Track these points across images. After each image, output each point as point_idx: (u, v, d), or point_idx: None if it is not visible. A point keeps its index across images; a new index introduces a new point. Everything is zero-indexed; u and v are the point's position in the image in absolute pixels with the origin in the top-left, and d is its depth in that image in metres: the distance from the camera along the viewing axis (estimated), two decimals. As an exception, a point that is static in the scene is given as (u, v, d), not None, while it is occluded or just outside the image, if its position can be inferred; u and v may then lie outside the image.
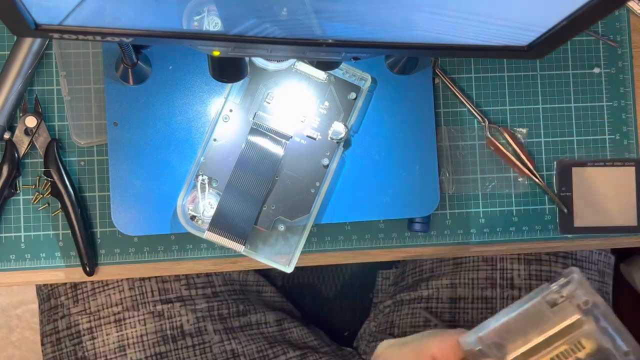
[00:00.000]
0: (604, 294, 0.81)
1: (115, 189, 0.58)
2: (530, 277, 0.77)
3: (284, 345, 0.76)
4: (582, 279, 0.49)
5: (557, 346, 0.49)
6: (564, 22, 0.39)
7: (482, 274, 0.78)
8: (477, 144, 0.65)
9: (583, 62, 0.66)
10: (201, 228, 0.58)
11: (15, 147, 0.60)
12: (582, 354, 0.49)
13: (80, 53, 0.61)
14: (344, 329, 0.96)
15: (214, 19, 0.42)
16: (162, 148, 0.59)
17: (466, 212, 0.64)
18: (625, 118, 0.66)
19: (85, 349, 0.70)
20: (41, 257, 0.61)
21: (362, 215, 0.61)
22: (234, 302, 0.76)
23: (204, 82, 0.60)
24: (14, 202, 0.61)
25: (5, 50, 0.61)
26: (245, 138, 0.58)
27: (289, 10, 0.38)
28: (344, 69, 0.59)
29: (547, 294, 0.49)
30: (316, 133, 0.59)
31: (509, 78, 0.65)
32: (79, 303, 0.70)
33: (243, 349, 0.74)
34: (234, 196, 0.57)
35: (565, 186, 0.65)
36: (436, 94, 0.64)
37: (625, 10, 0.66)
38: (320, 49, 0.43)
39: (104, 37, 0.40)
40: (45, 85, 0.62)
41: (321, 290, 1.01)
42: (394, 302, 0.84)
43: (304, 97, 0.59)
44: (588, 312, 0.49)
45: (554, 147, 0.65)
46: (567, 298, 0.49)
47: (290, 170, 0.59)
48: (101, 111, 0.61)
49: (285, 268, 0.58)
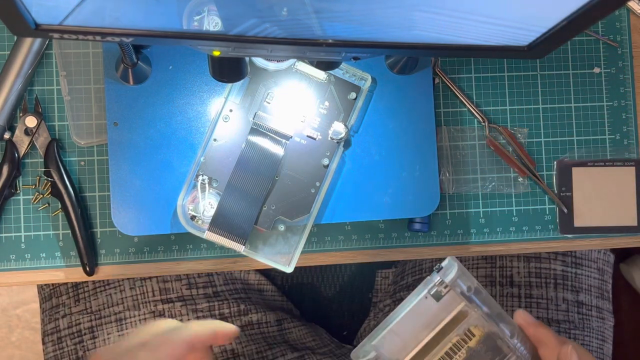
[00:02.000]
0: (603, 292, 0.81)
1: (115, 189, 0.58)
2: (530, 275, 0.77)
3: (282, 347, 0.76)
4: (461, 267, 0.50)
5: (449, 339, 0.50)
6: (564, 22, 0.39)
7: (481, 272, 0.78)
8: (477, 144, 0.65)
9: (583, 62, 0.66)
10: (201, 228, 0.58)
11: (15, 147, 0.60)
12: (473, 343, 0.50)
13: (80, 53, 0.61)
14: (343, 329, 0.96)
15: (214, 19, 0.42)
16: (162, 148, 0.59)
17: (466, 212, 0.64)
18: (625, 118, 0.66)
19: (86, 348, 0.70)
20: (41, 257, 0.61)
21: (362, 215, 0.61)
22: (234, 302, 0.76)
23: (204, 82, 0.60)
24: (14, 202, 0.61)
25: (5, 50, 0.61)
26: (245, 138, 0.58)
27: (289, 10, 0.38)
28: (344, 69, 0.59)
29: (430, 288, 0.49)
30: (316, 133, 0.59)
31: (509, 78, 0.65)
32: (80, 302, 0.70)
33: (243, 349, 0.74)
34: (234, 196, 0.57)
35: (565, 186, 0.65)
36: (436, 94, 0.64)
37: (625, 10, 0.66)
38: (320, 49, 0.43)
39: (104, 37, 0.40)
40: (45, 85, 0.62)
41: (321, 290, 1.01)
42: (394, 301, 0.84)
43: (304, 97, 0.59)
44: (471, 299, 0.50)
45: (554, 147, 0.65)
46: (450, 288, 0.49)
47: (290, 170, 0.59)
48: (101, 111, 0.61)
49: (286, 268, 0.58)
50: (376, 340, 0.49)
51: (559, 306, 0.77)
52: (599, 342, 0.79)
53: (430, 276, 0.50)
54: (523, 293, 0.77)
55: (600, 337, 0.80)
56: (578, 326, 0.77)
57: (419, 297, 0.50)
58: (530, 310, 0.77)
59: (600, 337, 0.80)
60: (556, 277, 0.78)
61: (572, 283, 0.78)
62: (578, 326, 0.77)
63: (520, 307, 0.77)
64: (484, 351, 0.50)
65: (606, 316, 0.81)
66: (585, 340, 0.78)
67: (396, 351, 0.49)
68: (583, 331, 0.78)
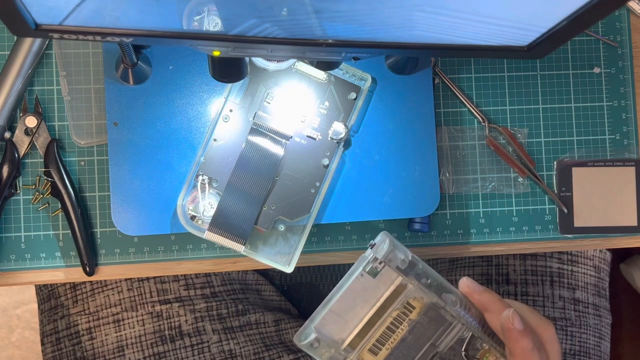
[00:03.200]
0: (600, 290, 0.81)
1: (115, 189, 0.58)
2: (526, 273, 0.77)
3: (279, 348, 0.76)
4: (394, 240, 0.50)
5: (390, 313, 0.50)
6: (564, 22, 0.39)
7: (477, 270, 0.78)
8: (477, 144, 0.65)
9: (583, 62, 0.66)
10: (201, 228, 0.58)
11: (15, 147, 0.60)
12: (414, 315, 0.50)
13: (80, 53, 0.61)
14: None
15: (214, 19, 0.42)
16: (162, 148, 0.59)
17: (466, 212, 0.64)
18: (625, 118, 0.66)
19: (85, 349, 0.70)
20: (41, 257, 0.61)
21: (362, 215, 0.61)
22: (232, 302, 0.76)
23: (204, 82, 0.60)
24: (14, 202, 0.61)
25: (5, 50, 0.61)
26: (245, 138, 0.58)
27: (289, 10, 0.38)
28: (344, 69, 0.59)
29: (365, 265, 0.49)
30: (316, 133, 0.59)
31: (509, 78, 0.65)
32: (79, 303, 0.70)
33: (241, 349, 0.74)
34: (234, 196, 0.57)
35: (565, 186, 0.65)
36: (436, 94, 0.64)
37: (625, 10, 0.66)
38: (320, 49, 0.43)
39: (104, 37, 0.40)
40: (45, 85, 0.62)
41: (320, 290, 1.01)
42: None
43: (304, 97, 0.59)
44: (408, 272, 0.50)
45: (554, 147, 0.65)
46: (385, 263, 0.49)
47: (290, 170, 0.59)
48: (101, 111, 0.61)
49: (285, 268, 0.58)
50: (316, 321, 0.49)
51: (555, 304, 0.77)
52: (596, 340, 0.79)
53: (364, 253, 0.50)
54: (519, 291, 0.77)
55: (598, 334, 0.80)
56: (575, 323, 0.77)
57: (355, 275, 0.49)
58: None
59: (597, 335, 0.80)
60: (552, 275, 0.78)
61: (568, 280, 0.78)
62: (575, 323, 0.77)
63: None
64: (427, 322, 0.50)
65: (603, 314, 0.81)
66: (582, 338, 0.78)
67: (338, 331, 0.49)
68: (580, 328, 0.78)
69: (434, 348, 0.51)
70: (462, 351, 0.51)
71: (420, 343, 0.50)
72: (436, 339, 0.51)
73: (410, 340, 0.50)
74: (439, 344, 0.51)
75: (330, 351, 0.50)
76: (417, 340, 0.50)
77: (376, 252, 0.49)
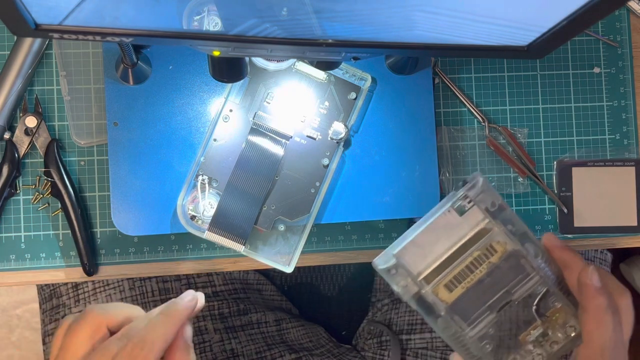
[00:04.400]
0: None
1: (115, 189, 0.58)
2: None
3: (281, 347, 0.76)
4: (486, 183, 0.50)
5: (471, 253, 0.50)
6: (564, 22, 0.39)
7: None
8: (477, 144, 0.65)
9: (583, 62, 0.66)
10: (201, 228, 0.58)
11: (15, 147, 0.60)
12: (495, 258, 0.50)
13: (80, 53, 0.61)
14: (343, 328, 0.96)
15: (214, 19, 0.42)
16: (162, 148, 0.59)
17: (466, 212, 0.64)
18: (625, 118, 0.66)
19: None
20: (41, 257, 0.61)
21: (362, 215, 0.61)
22: (234, 302, 0.76)
23: (204, 82, 0.60)
24: (14, 202, 0.61)
25: (5, 50, 0.61)
26: (245, 138, 0.58)
27: (289, 10, 0.38)
28: (344, 69, 0.59)
29: (454, 202, 0.49)
30: (316, 133, 0.59)
31: (509, 78, 0.65)
32: (80, 303, 0.70)
33: (242, 349, 0.74)
34: (234, 196, 0.57)
35: (565, 186, 0.65)
36: (436, 94, 0.64)
37: (625, 10, 0.66)
38: (320, 49, 0.43)
39: (104, 37, 0.40)
40: (45, 85, 0.62)
41: (320, 290, 1.01)
42: (392, 300, 0.84)
43: (304, 97, 0.59)
44: (495, 215, 0.50)
45: (554, 147, 0.65)
46: (474, 203, 0.49)
47: (290, 170, 0.59)
48: (101, 111, 0.61)
49: (285, 268, 0.58)
50: (397, 250, 0.49)
51: None
52: None
53: (454, 191, 0.50)
54: None
55: None
56: None
57: (442, 211, 0.49)
58: None
59: None
60: None
61: None
62: None
63: None
64: (506, 268, 0.50)
65: None
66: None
67: (417, 262, 0.49)
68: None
69: (508, 296, 0.50)
70: (533, 305, 0.51)
71: (495, 288, 0.50)
72: (511, 287, 0.50)
73: (486, 283, 0.50)
74: (514, 293, 0.50)
75: (406, 280, 0.49)
76: (493, 284, 0.50)
77: (467, 190, 0.49)
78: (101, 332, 0.46)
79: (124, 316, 0.48)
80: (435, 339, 0.77)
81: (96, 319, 0.46)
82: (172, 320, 0.47)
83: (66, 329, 0.47)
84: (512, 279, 0.50)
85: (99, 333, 0.46)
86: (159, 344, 0.45)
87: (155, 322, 0.46)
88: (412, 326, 0.79)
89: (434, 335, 0.77)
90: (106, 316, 0.47)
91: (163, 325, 0.46)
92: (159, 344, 0.45)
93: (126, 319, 0.48)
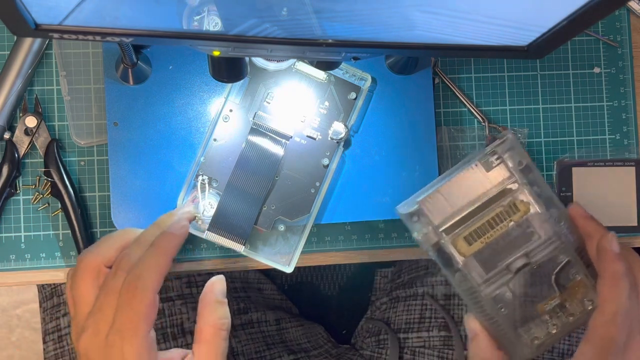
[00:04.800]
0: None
1: (115, 189, 0.58)
2: None
3: (279, 348, 0.76)
4: (515, 140, 0.49)
5: (493, 209, 0.49)
6: (564, 22, 0.39)
7: None
8: (477, 144, 0.65)
9: (583, 62, 0.66)
10: (201, 228, 0.58)
11: (15, 147, 0.60)
12: (516, 217, 0.50)
13: (80, 53, 0.61)
14: (343, 328, 0.96)
15: (214, 19, 0.42)
16: (162, 148, 0.59)
17: (466, 212, 0.64)
18: (625, 118, 0.66)
19: None
20: (41, 257, 0.61)
21: (362, 215, 0.61)
22: (234, 300, 0.76)
23: (204, 82, 0.60)
24: (14, 202, 0.61)
25: (5, 50, 0.61)
26: (245, 138, 0.58)
27: (289, 10, 0.38)
28: (344, 69, 0.59)
29: (482, 156, 0.49)
30: (316, 133, 0.59)
31: (509, 78, 0.65)
32: None
33: (242, 348, 0.74)
34: (234, 196, 0.57)
35: (565, 186, 0.65)
36: (436, 94, 0.64)
37: (625, 10, 0.66)
38: (320, 49, 0.43)
39: (104, 37, 0.40)
40: (45, 85, 0.62)
41: (321, 289, 1.01)
42: (390, 299, 0.84)
43: (304, 97, 0.59)
44: (522, 174, 0.49)
45: (554, 147, 0.65)
46: (501, 160, 0.49)
47: (290, 170, 0.59)
48: (101, 111, 0.61)
49: (285, 268, 0.58)
50: (422, 197, 0.49)
51: None
52: None
53: (484, 148, 0.49)
54: None
55: None
56: None
57: (469, 165, 0.49)
58: None
59: None
60: None
61: None
62: None
63: None
64: (527, 229, 0.49)
65: None
66: (580, 338, 0.78)
67: (439, 213, 0.49)
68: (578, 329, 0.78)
69: (526, 258, 0.50)
70: (552, 275, 0.50)
71: (515, 248, 0.50)
72: (531, 250, 0.50)
73: (506, 242, 0.49)
74: (533, 256, 0.50)
75: (427, 228, 0.49)
76: (512, 243, 0.50)
77: (496, 146, 0.49)
78: (102, 273, 0.49)
79: (116, 249, 0.50)
80: (432, 337, 0.77)
81: (91, 263, 0.49)
82: (163, 252, 0.48)
83: (71, 285, 0.48)
84: (532, 241, 0.49)
85: (100, 276, 0.49)
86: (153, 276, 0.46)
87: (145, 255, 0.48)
88: (410, 325, 0.79)
89: (431, 334, 0.77)
90: (100, 257, 0.49)
91: (154, 257, 0.48)
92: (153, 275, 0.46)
93: (120, 250, 0.49)
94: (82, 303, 0.48)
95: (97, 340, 0.46)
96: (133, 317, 0.45)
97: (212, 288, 0.51)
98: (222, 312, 0.50)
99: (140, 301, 0.45)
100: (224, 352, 0.49)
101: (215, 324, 0.49)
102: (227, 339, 0.50)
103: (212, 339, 0.49)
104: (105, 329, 0.45)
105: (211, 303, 0.50)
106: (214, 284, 0.51)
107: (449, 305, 0.78)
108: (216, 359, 0.49)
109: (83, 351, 0.47)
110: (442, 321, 0.77)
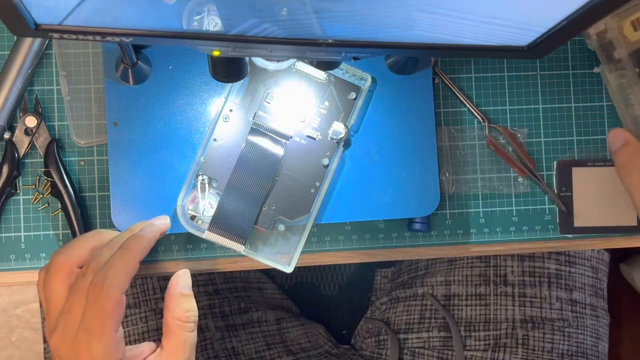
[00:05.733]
0: (597, 290, 0.81)
1: (115, 189, 0.58)
2: (524, 274, 0.77)
3: (279, 348, 0.77)
4: None
5: None
6: (564, 22, 0.39)
7: (475, 270, 0.78)
8: (477, 144, 0.65)
9: (583, 62, 0.66)
10: (201, 228, 0.58)
11: (15, 147, 0.60)
12: None
13: (80, 53, 0.61)
14: (343, 327, 0.96)
15: (214, 19, 0.42)
16: (162, 148, 0.59)
17: (466, 212, 0.64)
18: (625, 118, 0.66)
19: None
20: (41, 257, 0.61)
21: (362, 215, 0.61)
22: (235, 300, 0.76)
23: (204, 82, 0.60)
24: (14, 202, 0.61)
25: (5, 50, 0.61)
26: (245, 138, 0.58)
27: (289, 10, 0.38)
28: (344, 69, 0.59)
29: None
30: (316, 133, 0.59)
31: (509, 78, 0.65)
32: None
33: (243, 347, 0.74)
34: (234, 196, 0.57)
35: (565, 186, 0.65)
36: (436, 94, 0.64)
37: (625, 10, 0.66)
38: (320, 49, 0.43)
39: (104, 37, 0.40)
40: (45, 85, 0.62)
41: (321, 289, 1.01)
42: (390, 299, 0.84)
43: (304, 97, 0.59)
44: None
45: (554, 147, 0.65)
46: None
47: (290, 170, 0.59)
48: (101, 111, 0.61)
49: (285, 268, 0.58)
50: None
51: (552, 304, 0.77)
52: (593, 340, 0.80)
53: None
54: (517, 292, 0.77)
55: (595, 334, 0.80)
56: (572, 324, 0.77)
57: None
58: (524, 309, 0.77)
59: (594, 335, 0.80)
60: (550, 276, 0.78)
61: (565, 281, 0.78)
62: (572, 324, 0.77)
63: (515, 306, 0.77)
64: None
65: (601, 314, 0.81)
66: (580, 339, 0.78)
67: None
68: (577, 329, 0.78)
69: None
70: None
71: None
72: None
73: None
74: None
75: None
76: None
77: None
78: (73, 273, 0.50)
79: (88, 250, 0.51)
80: (432, 338, 0.77)
81: (63, 263, 0.50)
82: (131, 254, 0.49)
83: (43, 283, 0.49)
84: None
85: (71, 276, 0.50)
86: (119, 276, 0.47)
87: (113, 256, 0.48)
88: (410, 325, 0.79)
89: (431, 335, 0.77)
90: (72, 257, 0.50)
91: (121, 258, 0.48)
92: (120, 275, 0.47)
93: (91, 250, 0.50)
94: (54, 302, 0.49)
95: (66, 339, 0.46)
96: (99, 315, 0.45)
97: (177, 282, 0.52)
98: (188, 305, 0.51)
99: (106, 300, 0.46)
100: (192, 343, 0.51)
101: (180, 316, 0.50)
102: (194, 331, 0.51)
103: (179, 332, 0.50)
104: (74, 328, 0.46)
105: (176, 296, 0.51)
106: (179, 278, 0.52)
107: (450, 305, 0.78)
108: (184, 351, 0.50)
109: (55, 350, 0.48)
110: (442, 321, 0.77)
